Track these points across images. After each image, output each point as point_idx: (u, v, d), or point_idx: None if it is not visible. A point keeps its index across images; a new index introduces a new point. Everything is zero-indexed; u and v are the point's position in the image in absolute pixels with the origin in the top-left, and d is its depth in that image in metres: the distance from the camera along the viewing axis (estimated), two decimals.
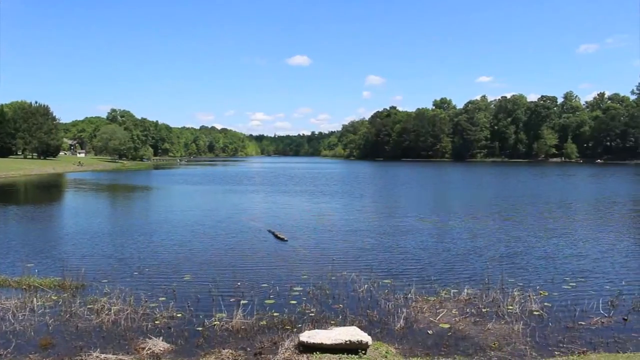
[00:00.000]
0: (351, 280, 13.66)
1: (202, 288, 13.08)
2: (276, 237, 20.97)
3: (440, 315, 10.80)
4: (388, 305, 11.41)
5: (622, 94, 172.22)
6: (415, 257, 17.21)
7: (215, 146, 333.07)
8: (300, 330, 9.29)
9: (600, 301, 11.65)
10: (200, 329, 9.99)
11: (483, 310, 11.18)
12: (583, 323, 10.45)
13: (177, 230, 22.96)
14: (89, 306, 11.18)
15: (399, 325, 10.13)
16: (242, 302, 11.49)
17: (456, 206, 35.27)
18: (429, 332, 9.89)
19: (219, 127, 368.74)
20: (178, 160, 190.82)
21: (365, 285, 13.03)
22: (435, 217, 28.24)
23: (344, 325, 9.40)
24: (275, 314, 10.85)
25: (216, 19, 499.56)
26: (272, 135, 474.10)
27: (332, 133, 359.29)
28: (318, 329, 9.13)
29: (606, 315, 10.91)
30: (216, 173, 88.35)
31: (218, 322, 10.27)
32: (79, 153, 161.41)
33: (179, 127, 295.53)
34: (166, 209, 31.83)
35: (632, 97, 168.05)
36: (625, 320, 10.65)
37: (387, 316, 10.74)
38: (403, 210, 31.75)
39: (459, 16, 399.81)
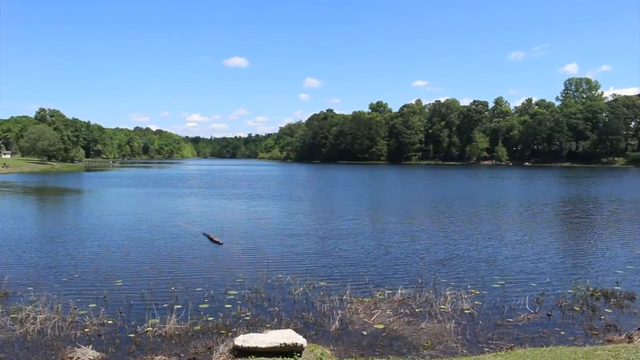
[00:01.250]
0: (287, 283, 13.65)
1: (135, 294, 12.77)
2: (212, 240, 20.71)
3: (375, 316, 10.94)
4: (323, 307, 11.47)
5: (547, 100, 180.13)
6: (351, 259, 17.36)
7: (150, 148, 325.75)
8: (235, 335, 9.21)
9: (527, 298, 12.11)
10: (132, 335, 9.75)
11: (416, 310, 11.40)
12: (511, 320, 10.83)
13: (109, 235, 22.27)
14: (12, 315, 10.70)
15: (334, 327, 10.20)
16: (176, 307, 11.30)
17: (392, 208, 35.83)
18: (363, 333, 10.00)
19: (154, 128, 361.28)
20: (111, 162, 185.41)
21: (301, 288, 13.06)
22: (372, 219, 28.64)
23: (280, 329, 9.38)
24: (209, 319, 10.71)
25: (153, 18, 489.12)
26: (209, 137, 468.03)
27: (269, 135, 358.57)
28: (253, 332, 9.06)
29: (532, 311, 11.34)
30: (151, 175, 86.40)
31: (151, 328, 10.05)
32: (4, 154, 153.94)
33: (112, 128, 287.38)
34: (98, 214, 30.86)
35: (557, 103, 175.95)
36: (549, 315, 11.13)
37: (323, 318, 10.78)
38: (340, 212, 31.97)
39: (396, 20, 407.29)
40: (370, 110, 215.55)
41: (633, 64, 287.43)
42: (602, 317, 11.03)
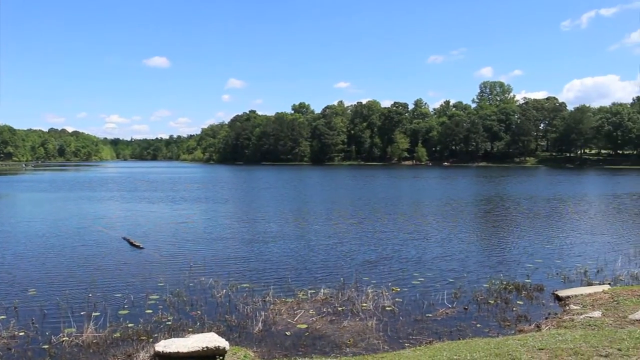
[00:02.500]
0: (210, 286, 13.49)
1: (49, 302, 12.22)
2: (132, 244, 20.15)
3: (298, 316, 11.01)
4: (246, 309, 11.42)
5: (464, 102, 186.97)
6: (275, 261, 17.36)
7: (67, 150, 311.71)
8: (156, 340, 9.01)
9: (445, 294, 12.56)
10: (46, 346, 9.34)
11: (339, 308, 11.56)
12: (430, 315, 11.19)
13: (22, 243, 21.13)
14: None
15: (257, 329, 10.18)
16: (93, 314, 10.94)
17: (316, 209, 36.07)
18: (287, 333, 10.04)
19: (70, 129, 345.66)
20: (23, 165, 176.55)
21: (224, 290, 12.96)
22: (296, 220, 28.75)
23: (202, 332, 9.26)
24: (129, 325, 10.43)
25: (69, 15, 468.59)
26: (129, 139, 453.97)
27: (191, 137, 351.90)
28: (175, 337, 8.92)
29: (450, 306, 11.77)
30: (67, 179, 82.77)
31: (67, 338, 9.66)
32: None
33: (25, 129, 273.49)
34: (9, 220, 29.28)
35: (473, 105, 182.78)
36: (466, 309, 11.58)
37: (246, 320, 10.74)
38: (264, 214, 31.89)
39: (319, 22, 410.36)
40: (293, 112, 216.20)
41: (542, 69, 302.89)
42: (514, 308, 11.59)
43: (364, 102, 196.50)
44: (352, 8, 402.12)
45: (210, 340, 8.31)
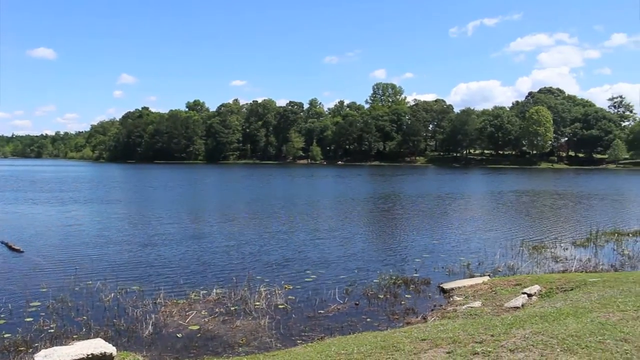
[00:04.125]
0: (97, 290, 12.94)
1: None
2: (10, 248, 18.89)
3: (190, 317, 10.83)
4: (136, 313, 11.07)
5: (358, 103, 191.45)
6: (167, 262, 16.91)
7: None
8: (36, 350, 8.50)
9: (337, 290, 12.84)
10: None
11: (232, 308, 11.49)
12: (322, 311, 11.39)
13: None
14: None
15: (147, 332, 9.91)
16: None
17: (211, 209, 35.57)
18: (178, 335, 9.84)
19: None
20: None
21: (112, 294, 12.48)
22: (190, 221, 28.19)
23: (88, 339, 8.86)
24: (6, 335, 9.78)
25: None
26: (10, 135, 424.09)
27: (79, 133, 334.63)
28: (58, 345, 8.47)
29: (341, 302, 12.04)
30: None
31: None
32: None
33: None
34: None
35: (366, 106, 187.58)
36: (357, 305, 11.90)
37: (135, 324, 10.41)
38: (156, 215, 30.93)
39: (216, 19, 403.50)
40: (187, 109, 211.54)
41: (431, 73, 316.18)
42: (402, 302, 12.07)
43: (259, 100, 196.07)
44: (249, 6, 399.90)
45: (96, 346, 7.96)
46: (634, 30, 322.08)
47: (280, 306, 11.68)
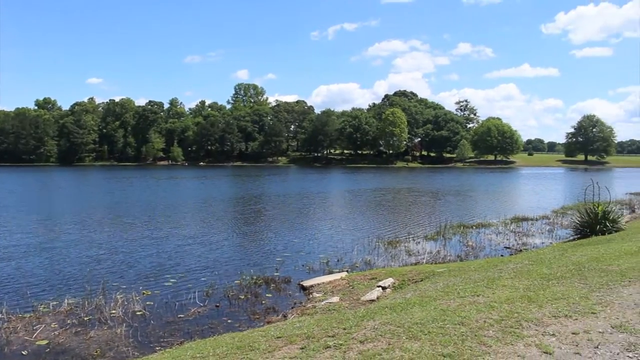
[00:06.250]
0: None
1: None
2: None
3: (38, 331, 10.12)
4: None
5: (220, 103, 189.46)
6: (10, 274, 15.58)
7: None
8: None
9: (197, 293, 12.68)
10: None
11: (85, 318, 10.92)
12: (182, 316, 11.19)
13: None
14: None
15: None
16: None
17: (64, 215, 33.38)
18: (23, 353, 9.15)
19: None
20: None
21: None
22: (38, 228, 26.25)
23: None
24: None
25: None
26: None
27: None
28: None
29: (202, 305, 11.91)
30: None
31: None
32: None
33: None
34: None
35: (228, 106, 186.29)
36: (217, 307, 11.84)
37: None
38: (1, 223, 28.52)
39: (69, 12, 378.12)
40: (37, 107, 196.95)
41: (293, 74, 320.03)
42: (263, 301, 12.18)
43: (117, 99, 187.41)
44: (105, 1, 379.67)
45: None
46: (476, 40, 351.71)
47: (138, 313, 11.30)
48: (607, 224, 16.23)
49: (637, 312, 6.06)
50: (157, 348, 9.24)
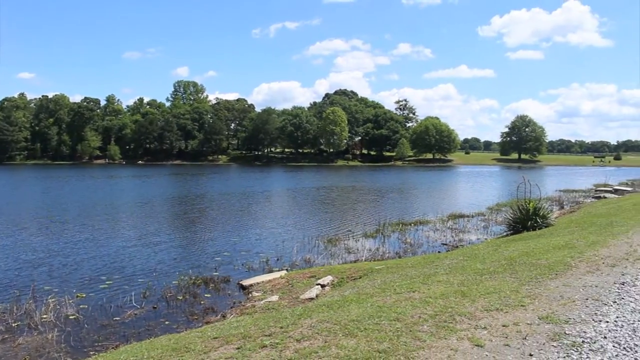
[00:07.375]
0: None
1: None
2: None
3: None
4: None
5: (159, 100, 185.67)
6: None
7: None
8: None
9: (133, 295, 12.40)
10: None
11: (14, 325, 10.50)
12: (118, 318, 10.93)
13: None
14: None
15: None
16: None
17: None
18: None
19: None
20: None
21: None
22: None
23: None
24: None
25: None
26: None
27: None
28: None
29: (139, 306, 11.66)
30: None
31: None
32: None
33: None
34: None
35: (167, 104, 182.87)
36: (155, 308, 11.63)
37: None
38: None
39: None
40: None
41: (234, 72, 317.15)
42: (202, 302, 12.05)
43: (50, 95, 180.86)
44: None
45: None
46: (416, 41, 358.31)
47: (71, 317, 10.95)
48: (538, 220, 16.87)
49: (562, 304, 6.36)
50: (91, 352, 8.98)
